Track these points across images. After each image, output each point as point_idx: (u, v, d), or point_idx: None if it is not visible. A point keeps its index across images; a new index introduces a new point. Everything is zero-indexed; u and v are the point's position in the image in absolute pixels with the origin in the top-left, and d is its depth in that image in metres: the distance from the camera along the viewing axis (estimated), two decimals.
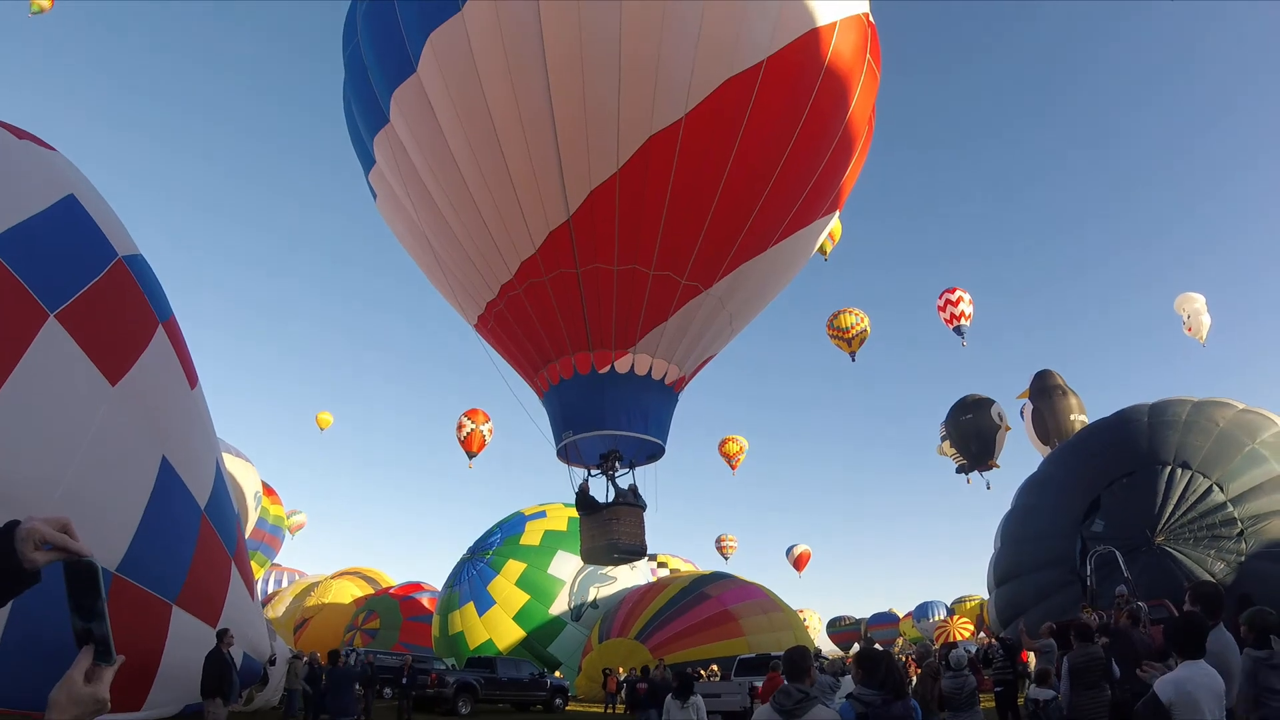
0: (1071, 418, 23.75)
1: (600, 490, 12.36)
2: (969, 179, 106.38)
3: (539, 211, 10.79)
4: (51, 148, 5.69)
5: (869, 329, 28.14)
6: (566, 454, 12.33)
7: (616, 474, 12.28)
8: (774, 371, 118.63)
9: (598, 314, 11.22)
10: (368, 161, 12.29)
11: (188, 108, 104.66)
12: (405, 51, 10.69)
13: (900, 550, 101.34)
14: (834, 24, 10.99)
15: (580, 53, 9.96)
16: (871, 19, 12.21)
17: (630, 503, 12.19)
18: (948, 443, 28.04)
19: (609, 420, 11.58)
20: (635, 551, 12.21)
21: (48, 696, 1.02)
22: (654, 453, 12.62)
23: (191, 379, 7.27)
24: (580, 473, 12.43)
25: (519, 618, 21.12)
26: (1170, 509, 11.93)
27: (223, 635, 6.53)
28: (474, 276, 11.77)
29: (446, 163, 10.92)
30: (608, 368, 11.44)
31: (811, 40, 10.70)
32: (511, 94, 10.28)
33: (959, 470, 27.37)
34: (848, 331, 27.83)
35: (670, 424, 12.54)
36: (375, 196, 12.89)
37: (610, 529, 11.98)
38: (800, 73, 10.76)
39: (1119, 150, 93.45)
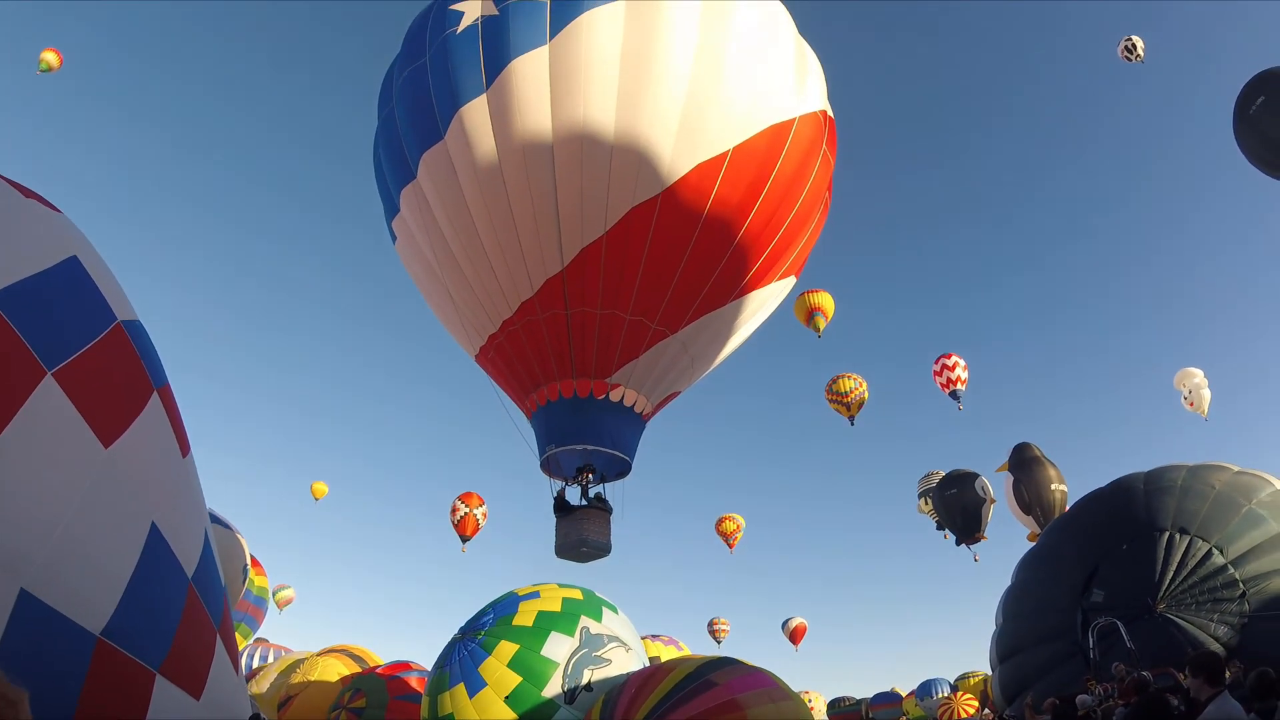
0: (1052, 487, 24.40)
1: (575, 500, 14.37)
2: (959, 240, 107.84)
3: (539, 262, 12.93)
4: (57, 209, 5.77)
5: (867, 394, 28.48)
6: (549, 466, 14.29)
7: (589, 485, 14.28)
8: (769, 445, 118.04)
9: (582, 349, 13.30)
10: (392, 210, 14.53)
11: (180, 163, 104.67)
12: (435, 121, 12.82)
13: (901, 625, 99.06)
14: (793, 120, 13.35)
15: (582, 136, 12.18)
16: (830, 113, 14.73)
17: (599, 507, 14.21)
18: (923, 500, 28.39)
19: (586, 437, 13.65)
20: (601, 548, 14.15)
21: None
22: (623, 470, 14.58)
23: (184, 447, 7.22)
24: (559, 484, 14.52)
25: (511, 700, 20.40)
26: (1170, 575, 11.84)
27: None
28: (480, 313, 13.94)
29: (464, 218, 13.05)
30: (588, 394, 13.55)
31: (773, 133, 13.09)
32: (523, 165, 12.35)
33: (938, 527, 27.82)
34: (846, 396, 28.27)
35: (638, 447, 14.57)
36: (395, 239, 15.07)
37: (581, 527, 13.90)
38: (762, 159, 13.06)
39: (1112, 218, 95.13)
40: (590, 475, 14.30)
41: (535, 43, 12.16)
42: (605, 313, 13.09)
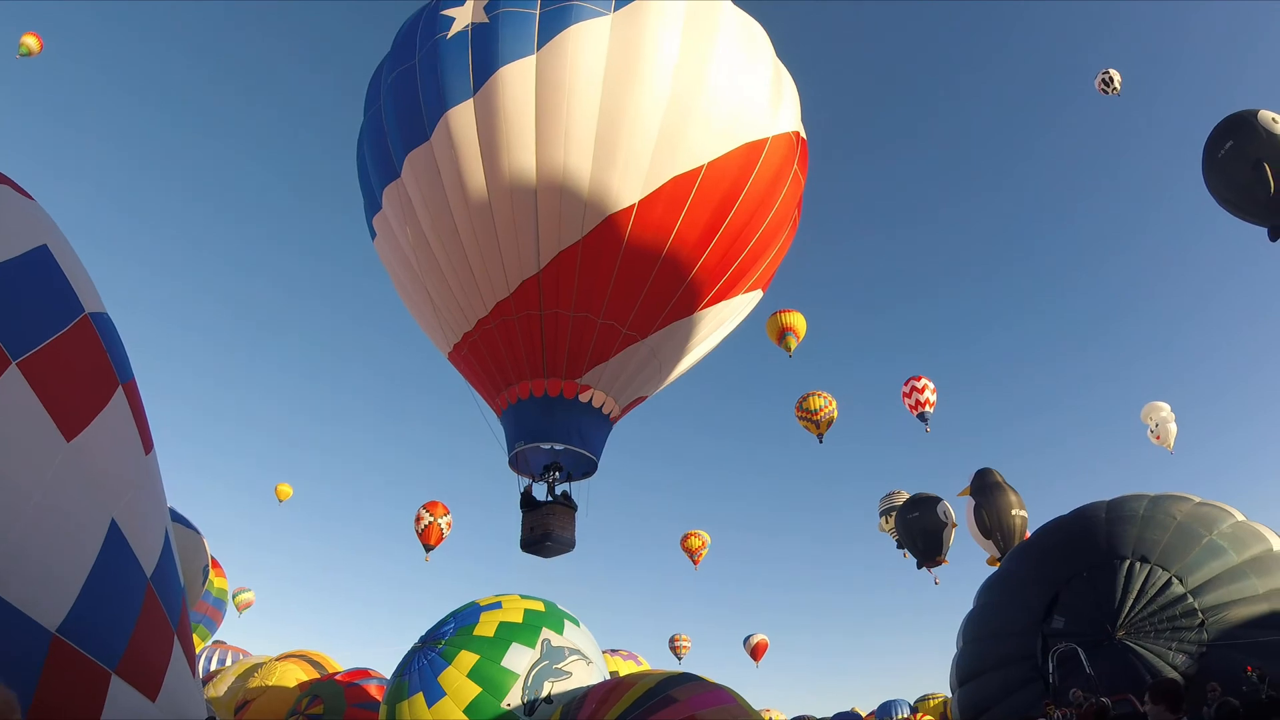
0: (1012, 513, 24.89)
1: (541, 497, 14.76)
2: (930, 270, 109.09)
3: (516, 264, 13.34)
4: (29, 196, 5.65)
5: (836, 413, 28.71)
6: (516, 463, 14.63)
7: (556, 482, 14.66)
8: (736, 462, 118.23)
9: (554, 350, 13.79)
10: (374, 206, 14.84)
11: (151, 171, 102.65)
12: (422, 122, 13.20)
13: (862, 645, 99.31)
14: (766, 139, 13.90)
15: (564, 144, 12.62)
16: (803, 135, 15.28)
17: (564, 504, 14.59)
18: (884, 519, 28.74)
19: (555, 435, 14.02)
20: (565, 543, 14.50)
21: None
22: (589, 469, 14.98)
23: (147, 444, 7.06)
24: (526, 480, 14.93)
25: (470, 710, 20.16)
26: (1130, 603, 11.96)
27: None
28: (456, 311, 14.19)
29: (445, 218, 13.34)
30: (558, 394, 13.93)
31: (746, 151, 13.62)
32: (505, 169, 12.76)
33: (898, 546, 28.18)
34: (816, 414, 28.50)
35: (604, 447, 14.97)
36: (374, 235, 15.35)
37: (547, 522, 14.22)
38: (735, 176, 13.58)
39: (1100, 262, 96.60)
40: (557, 473, 14.71)
41: (523, 52, 12.62)
42: (578, 315, 13.56)
